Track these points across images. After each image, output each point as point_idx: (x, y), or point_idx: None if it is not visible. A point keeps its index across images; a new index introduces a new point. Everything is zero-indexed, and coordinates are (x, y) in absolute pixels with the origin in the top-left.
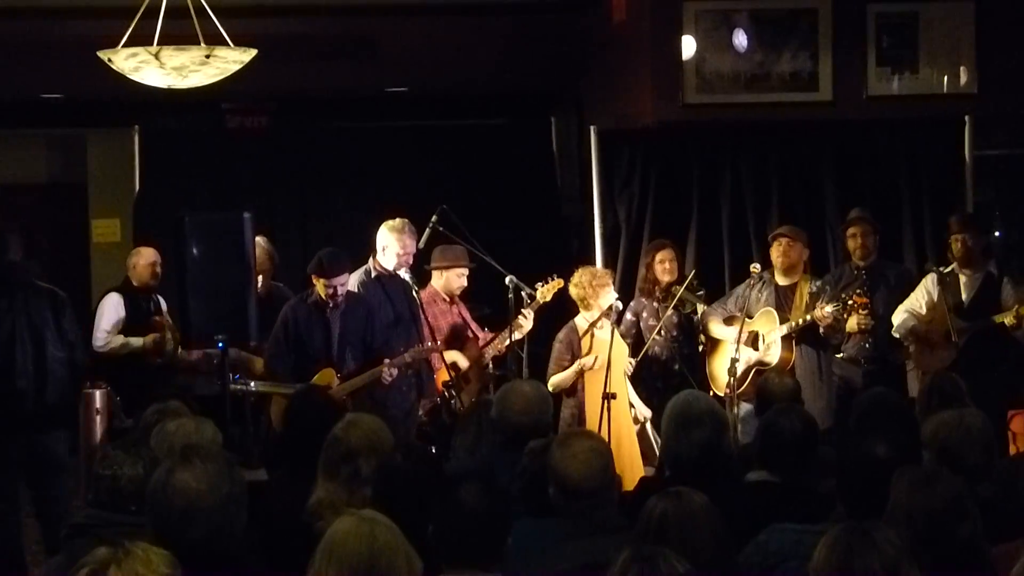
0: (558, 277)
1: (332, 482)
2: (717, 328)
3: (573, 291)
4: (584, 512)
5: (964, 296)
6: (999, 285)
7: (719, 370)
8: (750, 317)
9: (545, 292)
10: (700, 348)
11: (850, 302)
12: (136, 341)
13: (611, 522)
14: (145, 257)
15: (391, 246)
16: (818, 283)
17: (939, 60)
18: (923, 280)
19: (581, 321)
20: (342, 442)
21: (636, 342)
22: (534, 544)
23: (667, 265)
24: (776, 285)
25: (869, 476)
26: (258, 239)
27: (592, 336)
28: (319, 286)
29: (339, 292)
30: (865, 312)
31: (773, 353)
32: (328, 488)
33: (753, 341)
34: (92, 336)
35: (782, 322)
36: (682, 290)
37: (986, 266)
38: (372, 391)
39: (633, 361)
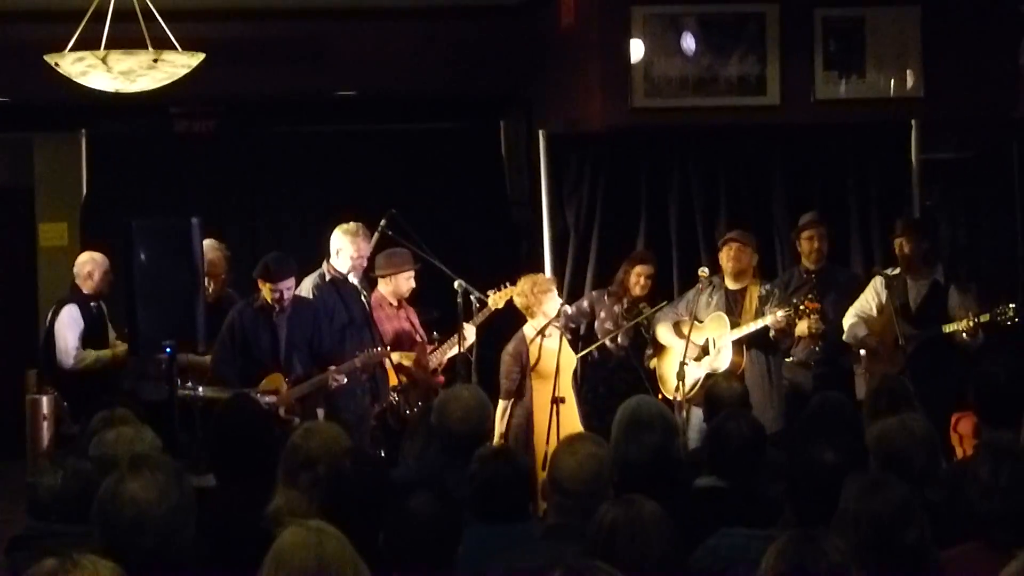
0: (510, 285)
1: (292, 489)
2: (665, 335)
3: (517, 300)
4: (567, 510)
5: (911, 302)
6: (946, 292)
7: (668, 373)
8: (699, 321)
9: (497, 299)
10: (648, 352)
11: (802, 307)
12: (105, 353)
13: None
14: (102, 266)
15: (345, 249)
16: (767, 287)
17: (886, 64)
18: (872, 282)
19: (528, 330)
20: (301, 449)
21: (586, 333)
22: (485, 551)
23: (642, 281)
24: (726, 289)
25: (817, 482)
26: (216, 244)
27: (540, 344)
28: (265, 290)
29: (285, 296)
30: (816, 317)
31: (724, 358)
32: (288, 495)
33: (704, 350)
34: (58, 352)
35: (732, 327)
36: (652, 312)
37: (932, 272)
38: (328, 396)
39: None
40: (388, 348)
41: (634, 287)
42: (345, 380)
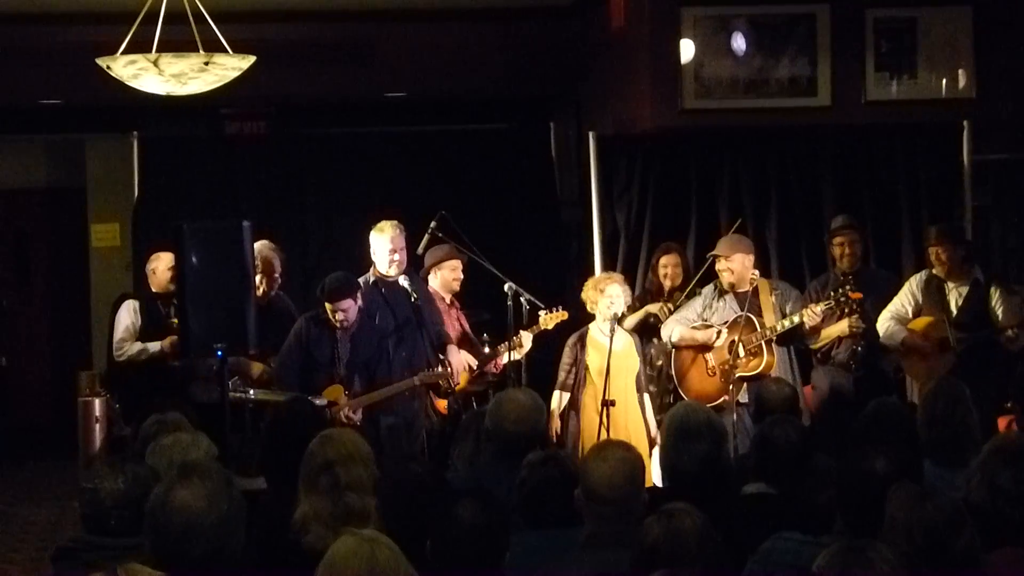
0: (563, 310)
1: (314, 494)
2: (701, 336)
3: (584, 297)
4: (605, 518)
5: (953, 305)
6: (987, 292)
7: (697, 383)
8: (723, 326)
9: (547, 320)
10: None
11: (842, 299)
12: (153, 346)
13: (627, 535)
14: (165, 262)
15: (379, 247)
16: (775, 288)
17: (937, 65)
18: (907, 283)
19: (593, 328)
20: (318, 455)
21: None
22: (534, 557)
23: (669, 271)
24: (736, 293)
25: (868, 492)
26: (270, 244)
27: (589, 340)
28: (327, 310)
29: (346, 316)
30: (856, 315)
31: (762, 359)
32: (311, 501)
33: (731, 351)
34: (111, 346)
35: (760, 327)
36: (683, 298)
37: (972, 274)
38: (372, 404)
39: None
40: (448, 371)
41: (664, 279)
42: (358, 417)
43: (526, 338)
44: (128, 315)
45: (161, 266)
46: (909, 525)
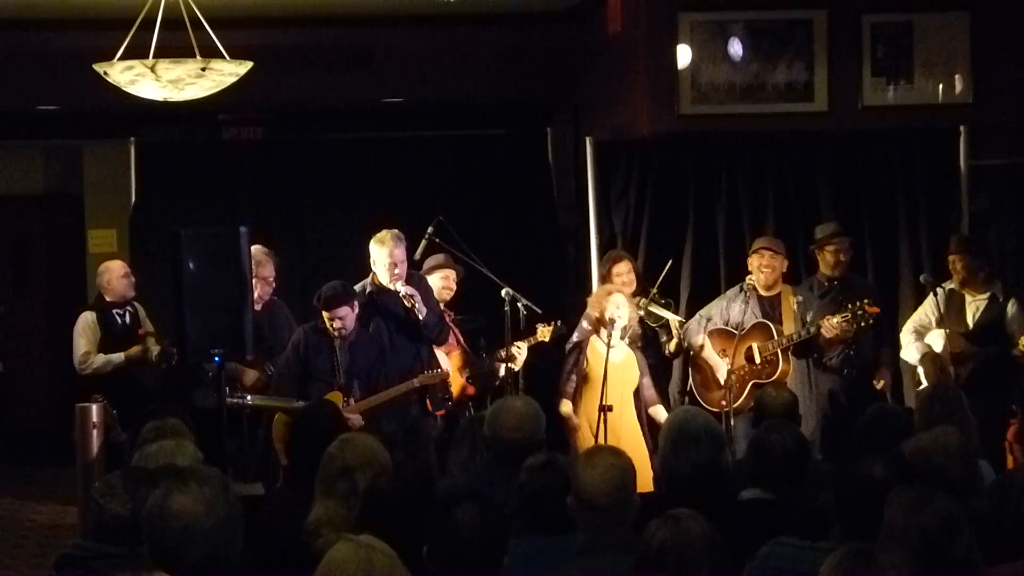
0: (560, 323)
1: (330, 499)
2: (714, 358)
3: (591, 313)
4: (598, 525)
5: (969, 318)
6: (1004, 307)
7: (713, 388)
8: (738, 330)
9: (544, 332)
10: (669, 353)
11: (859, 312)
12: (117, 357)
13: (622, 541)
14: (114, 271)
15: (378, 259)
16: (799, 298)
17: (934, 70)
18: (928, 297)
19: (594, 337)
20: (338, 459)
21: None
22: (532, 562)
23: (624, 278)
24: (760, 296)
25: (867, 497)
26: (263, 249)
27: (588, 349)
28: (325, 318)
29: (343, 324)
30: (845, 320)
31: (778, 366)
32: (326, 505)
33: (748, 356)
34: (73, 358)
35: (777, 333)
36: (649, 302)
37: (990, 287)
38: (368, 412)
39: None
40: (447, 371)
41: (622, 288)
42: (361, 422)
43: (521, 350)
44: (86, 329)
45: (113, 276)
46: (907, 529)
